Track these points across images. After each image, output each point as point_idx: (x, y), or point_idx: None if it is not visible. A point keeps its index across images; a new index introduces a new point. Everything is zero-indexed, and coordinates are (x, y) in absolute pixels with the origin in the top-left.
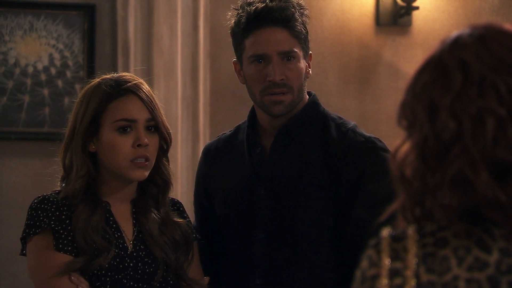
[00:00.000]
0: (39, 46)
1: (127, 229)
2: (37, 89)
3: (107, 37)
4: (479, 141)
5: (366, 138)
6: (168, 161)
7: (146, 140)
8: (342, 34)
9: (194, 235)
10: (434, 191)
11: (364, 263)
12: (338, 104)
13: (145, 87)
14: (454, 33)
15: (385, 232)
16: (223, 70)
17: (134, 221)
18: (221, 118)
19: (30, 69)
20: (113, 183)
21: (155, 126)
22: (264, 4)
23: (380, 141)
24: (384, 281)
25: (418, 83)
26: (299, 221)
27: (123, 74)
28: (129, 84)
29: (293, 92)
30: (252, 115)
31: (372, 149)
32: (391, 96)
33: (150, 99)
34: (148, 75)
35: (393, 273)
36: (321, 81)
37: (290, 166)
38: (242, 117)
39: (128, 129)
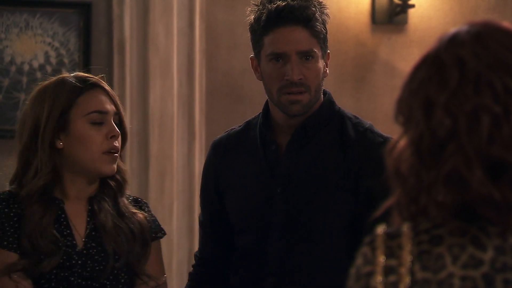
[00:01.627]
0: (35, 44)
1: (80, 227)
2: (33, 87)
3: (103, 35)
4: (474, 138)
5: (385, 139)
6: (121, 158)
7: (118, 131)
8: (338, 32)
9: (159, 234)
10: (428, 188)
11: (359, 261)
12: None
13: (105, 83)
14: (452, 30)
15: (380, 229)
16: (219, 68)
17: (88, 219)
18: (217, 116)
19: (26, 67)
20: (76, 181)
21: (119, 121)
22: (286, 3)
23: None
24: (379, 278)
25: (414, 80)
26: (315, 220)
27: (79, 72)
28: (95, 79)
29: (311, 91)
30: (266, 111)
31: None
32: (387, 94)
33: (114, 94)
34: (144, 74)
35: (388, 271)
36: None
37: (307, 165)
38: (238, 115)
39: (100, 123)
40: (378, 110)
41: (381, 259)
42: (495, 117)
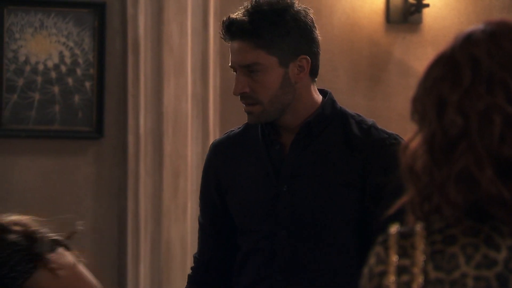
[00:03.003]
0: (50, 44)
1: None
2: (48, 87)
3: (117, 35)
4: (486, 137)
5: (389, 134)
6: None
7: None
8: (352, 31)
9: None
10: (441, 187)
11: (372, 260)
12: (348, 102)
13: None
14: (468, 29)
15: (393, 229)
16: None
17: None
18: (231, 116)
19: (41, 67)
20: None
21: None
22: (229, 17)
23: (401, 137)
24: (392, 278)
25: (429, 78)
26: (323, 218)
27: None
28: None
29: (262, 103)
30: None
31: (396, 145)
32: (401, 93)
33: None
34: (158, 73)
35: (401, 270)
36: (331, 78)
37: (313, 163)
38: None
39: None
40: (392, 109)
41: (394, 258)
42: (507, 117)
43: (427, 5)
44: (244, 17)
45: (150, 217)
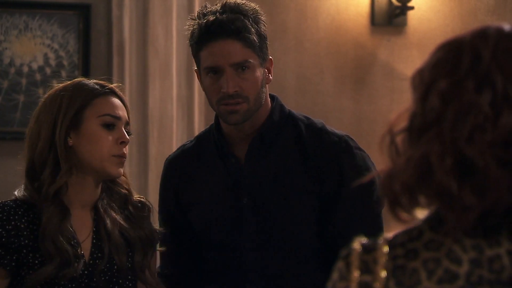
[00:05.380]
0: (34, 46)
1: (85, 237)
2: (32, 89)
3: (102, 37)
4: (456, 132)
5: (340, 137)
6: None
7: (128, 138)
8: (337, 34)
9: (157, 237)
10: (402, 166)
11: (335, 276)
12: (334, 104)
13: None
14: (490, 24)
15: (356, 243)
16: None
17: (94, 229)
18: None
19: (25, 69)
20: (83, 184)
21: (128, 132)
22: (214, 17)
23: (352, 139)
24: None
25: (432, 58)
26: (285, 226)
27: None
28: (112, 85)
29: (249, 101)
30: (218, 125)
31: (347, 148)
32: (386, 96)
33: (127, 104)
34: (143, 75)
35: (363, 286)
36: (317, 81)
37: (270, 172)
38: None
39: (112, 126)
40: (377, 111)
41: (356, 274)
42: (483, 120)
43: (412, 8)
44: (232, 15)
45: None
